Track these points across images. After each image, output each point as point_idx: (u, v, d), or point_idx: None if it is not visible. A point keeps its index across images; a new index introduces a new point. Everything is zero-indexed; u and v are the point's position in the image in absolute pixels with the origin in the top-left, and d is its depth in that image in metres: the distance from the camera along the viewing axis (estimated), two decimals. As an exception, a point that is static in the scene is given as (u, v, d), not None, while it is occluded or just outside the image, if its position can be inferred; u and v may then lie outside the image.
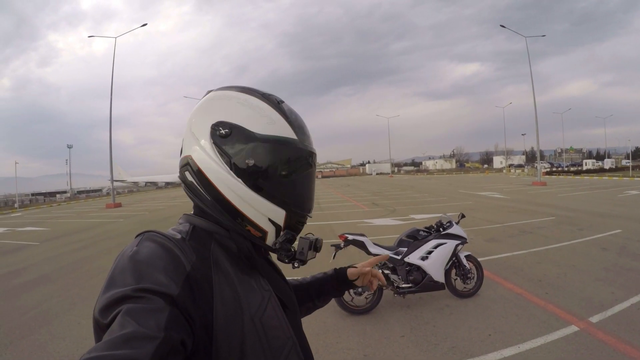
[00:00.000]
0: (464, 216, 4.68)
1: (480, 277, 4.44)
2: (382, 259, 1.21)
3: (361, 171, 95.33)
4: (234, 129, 0.73)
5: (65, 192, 45.24)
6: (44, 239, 10.76)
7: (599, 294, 4.30)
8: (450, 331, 3.56)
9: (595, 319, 3.65)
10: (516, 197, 16.26)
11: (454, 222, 4.39)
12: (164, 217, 15.33)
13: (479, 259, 4.57)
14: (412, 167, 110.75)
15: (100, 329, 0.55)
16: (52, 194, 43.84)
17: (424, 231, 4.33)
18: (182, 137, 0.80)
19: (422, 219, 10.36)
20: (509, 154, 75.58)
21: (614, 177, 30.22)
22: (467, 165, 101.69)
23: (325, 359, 3.21)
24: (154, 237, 0.67)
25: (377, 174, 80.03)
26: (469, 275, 4.33)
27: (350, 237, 4.07)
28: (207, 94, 0.82)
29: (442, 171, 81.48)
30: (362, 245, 4.07)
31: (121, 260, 0.62)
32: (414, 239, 4.22)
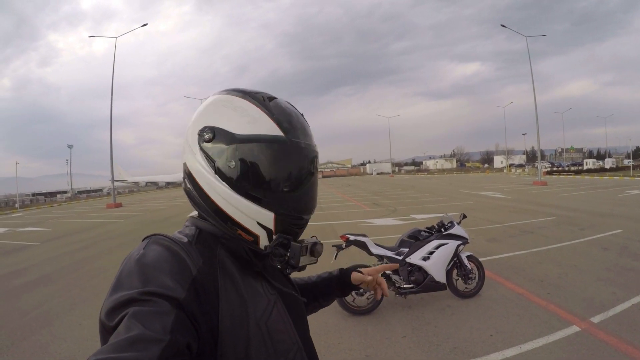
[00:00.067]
0: (465, 216, 4.67)
1: (481, 278, 4.44)
2: (391, 267, 1.19)
3: (362, 171, 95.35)
4: (216, 132, 0.73)
5: (65, 192, 45.27)
6: (45, 239, 10.77)
7: (600, 294, 4.30)
8: (451, 332, 3.56)
9: (596, 319, 3.65)
10: (517, 197, 16.26)
11: (455, 223, 4.38)
12: (164, 217, 15.34)
13: (480, 259, 4.57)
14: (412, 167, 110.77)
15: (106, 331, 0.55)
16: (53, 194, 43.90)
17: (425, 231, 4.33)
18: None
19: (423, 219, 10.37)
20: (509, 153, 75.58)
21: (615, 177, 30.20)
22: (467, 164, 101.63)
23: (327, 359, 3.21)
24: (160, 241, 0.67)
25: (377, 174, 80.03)
26: (471, 275, 4.33)
27: (351, 237, 4.06)
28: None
29: (443, 171, 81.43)
30: (363, 245, 4.06)
31: (128, 263, 0.63)
32: (416, 240, 4.22)
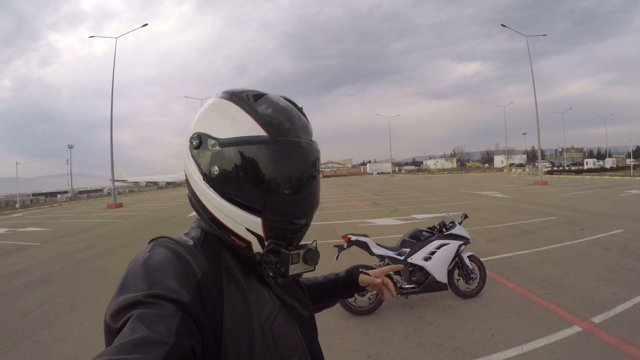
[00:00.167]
0: (466, 216, 4.67)
1: (482, 278, 4.43)
2: (395, 268, 1.20)
3: (362, 171, 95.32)
4: (202, 138, 0.72)
5: (66, 192, 45.31)
6: (45, 240, 10.78)
7: (601, 294, 4.30)
8: (453, 332, 3.56)
9: (597, 319, 3.65)
10: (517, 197, 16.25)
11: (456, 223, 4.38)
12: (165, 217, 15.33)
13: (481, 259, 4.56)
14: (413, 167, 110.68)
15: (111, 333, 0.56)
16: (53, 194, 43.95)
17: (426, 232, 4.32)
18: None
19: (424, 219, 10.36)
20: (509, 153, 75.52)
21: (615, 177, 30.15)
22: (468, 164, 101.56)
23: (328, 360, 3.21)
24: (166, 243, 0.68)
25: (378, 174, 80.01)
26: (472, 275, 4.33)
27: (353, 237, 4.06)
28: None
29: (443, 170, 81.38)
30: (365, 246, 4.06)
31: (134, 265, 0.63)
32: (417, 240, 4.21)
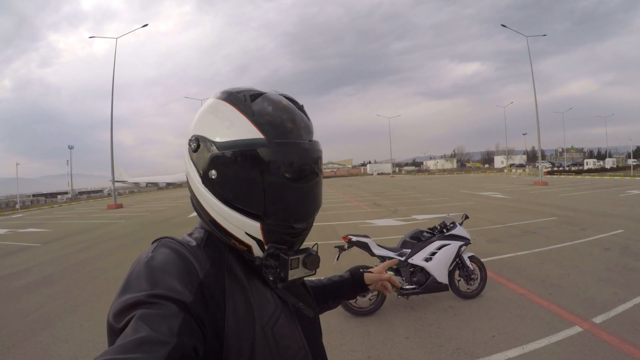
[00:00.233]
0: (467, 217, 4.66)
1: (483, 278, 4.43)
2: (392, 263, 1.21)
3: (362, 171, 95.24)
4: (200, 141, 0.71)
5: (66, 192, 45.35)
6: (46, 241, 10.78)
7: (602, 294, 4.30)
8: (454, 332, 3.56)
9: (598, 319, 3.65)
10: (518, 197, 16.25)
11: (457, 223, 4.38)
12: (165, 218, 15.33)
13: (481, 260, 4.56)
14: (413, 167, 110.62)
15: (113, 332, 0.56)
16: (53, 195, 44.00)
17: (427, 232, 4.32)
18: None
19: (424, 220, 10.36)
20: (510, 153, 75.47)
21: (615, 177, 30.15)
22: (468, 165, 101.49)
23: (329, 360, 3.20)
24: (169, 244, 0.68)
25: (378, 174, 79.96)
26: (473, 276, 4.32)
27: (354, 238, 4.06)
28: None
29: (443, 171, 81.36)
30: (365, 246, 4.06)
31: (137, 265, 0.64)
32: (418, 240, 4.21)
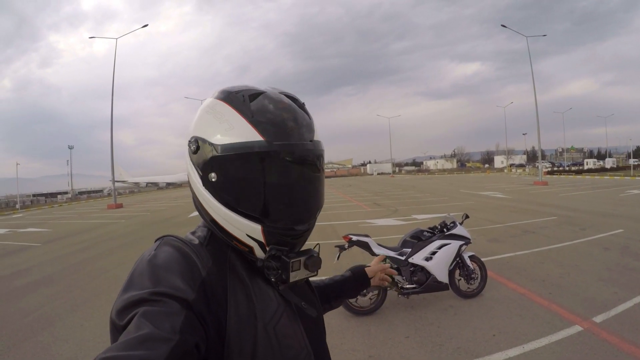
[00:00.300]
0: (467, 217, 4.67)
1: (484, 278, 4.43)
2: (380, 259, 1.29)
3: (362, 171, 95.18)
4: (200, 143, 0.70)
5: (66, 192, 45.35)
6: (46, 240, 10.78)
7: (602, 293, 4.30)
8: (454, 332, 3.56)
9: (598, 318, 3.66)
10: (518, 197, 16.24)
11: (457, 223, 4.38)
12: (165, 218, 15.32)
13: (482, 259, 4.56)
14: (413, 167, 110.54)
15: (116, 330, 0.56)
16: (54, 195, 44.00)
17: (427, 232, 4.32)
18: None
19: (424, 219, 10.36)
20: (510, 153, 75.44)
21: (615, 177, 30.16)
22: (468, 165, 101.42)
23: (329, 360, 3.21)
24: (172, 242, 0.68)
25: (378, 174, 79.94)
26: (473, 275, 4.33)
27: (354, 237, 4.06)
28: None
29: (443, 171, 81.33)
30: (366, 246, 4.05)
31: (140, 263, 0.64)
32: (418, 240, 4.21)
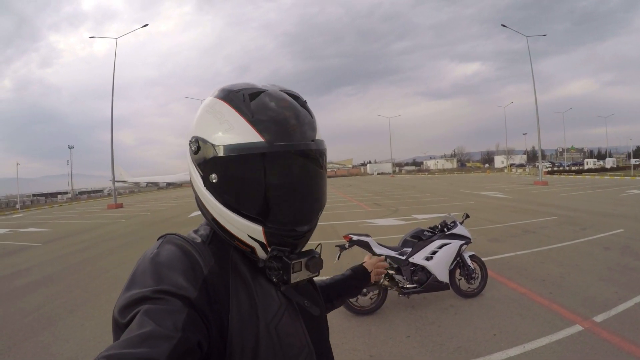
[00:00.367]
0: (468, 216, 4.67)
1: (484, 277, 4.44)
2: (382, 264, 1.29)
3: (362, 171, 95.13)
4: (200, 143, 0.69)
5: (66, 192, 45.33)
6: (46, 240, 10.77)
7: (603, 293, 4.30)
8: (455, 331, 3.56)
9: (599, 318, 3.66)
10: (518, 197, 16.23)
11: (458, 222, 4.38)
12: (166, 217, 15.31)
13: (482, 259, 4.55)
14: (413, 167, 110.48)
15: (119, 327, 0.56)
16: (54, 195, 44.04)
17: (428, 231, 4.32)
18: None
19: (425, 219, 10.36)
20: (510, 153, 75.37)
21: (615, 177, 30.14)
22: (468, 164, 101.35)
23: None
24: (174, 240, 0.69)
25: (378, 174, 79.89)
26: (473, 275, 4.32)
27: (355, 237, 4.06)
28: None
29: (444, 171, 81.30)
30: (366, 245, 4.06)
31: (143, 262, 0.64)
32: (419, 239, 4.21)
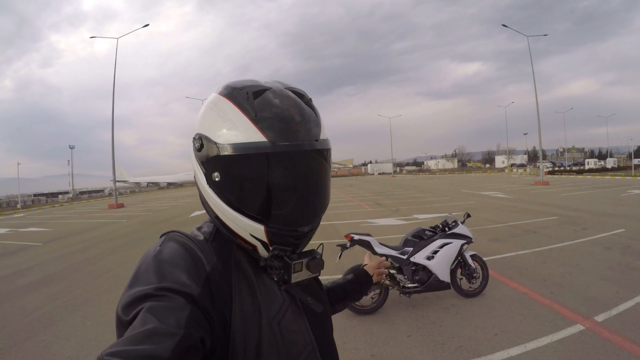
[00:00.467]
0: (469, 216, 4.66)
1: (485, 277, 4.43)
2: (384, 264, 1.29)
3: (363, 171, 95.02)
4: (204, 141, 0.69)
5: (67, 192, 45.35)
6: (47, 240, 10.79)
7: (604, 293, 4.30)
8: (456, 331, 3.56)
9: (600, 318, 3.66)
10: (519, 197, 16.22)
11: (459, 222, 4.38)
12: (166, 217, 15.32)
13: (483, 259, 4.55)
14: (414, 167, 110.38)
15: (122, 325, 0.56)
16: (55, 195, 44.10)
17: (429, 231, 4.32)
18: None
19: (426, 219, 10.36)
20: (511, 153, 75.19)
21: (616, 177, 30.11)
22: (469, 164, 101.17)
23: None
24: (177, 237, 0.69)
25: (379, 174, 79.80)
26: (475, 274, 4.32)
27: (356, 237, 4.06)
28: None
29: (444, 171, 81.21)
30: (368, 245, 4.05)
31: (145, 259, 0.64)
32: (420, 239, 4.21)
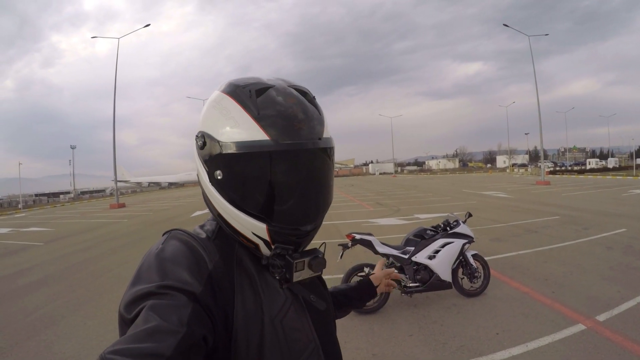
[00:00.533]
0: (470, 215, 4.66)
1: (487, 276, 4.43)
2: (382, 263, 1.32)
3: (364, 171, 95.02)
4: (206, 139, 0.69)
5: (68, 192, 45.42)
6: (48, 240, 10.80)
7: (605, 292, 4.29)
8: (458, 330, 3.56)
9: (602, 317, 3.65)
10: (520, 197, 16.21)
11: (460, 221, 4.38)
12: (168, 217, 15.34)
13: (485, 258, 4.55)
14: (415, 167, 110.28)
15: (125, 323, 0.57)
16: (56, 195, 44.23)
17: (431, 230, 4.32)
18: None
19: (427, 219, 10.36)
20: (512, 153, 75.08)
21: (618, 176, 30.06)
22: (470, 164, 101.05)
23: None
24: (179, 236, 0.69)
25: (380, 174, 79.78)
26: (476, 274, 4.32)
27: (357, 236, 4.06)
28: None
29: (445, 171, 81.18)
30: (369, 244, 4.06)
31: (148, 257, 0.64)
32: (421, 238, 4.21)
